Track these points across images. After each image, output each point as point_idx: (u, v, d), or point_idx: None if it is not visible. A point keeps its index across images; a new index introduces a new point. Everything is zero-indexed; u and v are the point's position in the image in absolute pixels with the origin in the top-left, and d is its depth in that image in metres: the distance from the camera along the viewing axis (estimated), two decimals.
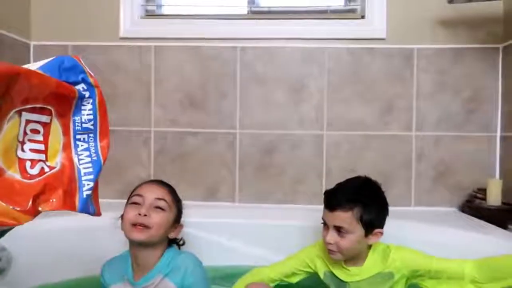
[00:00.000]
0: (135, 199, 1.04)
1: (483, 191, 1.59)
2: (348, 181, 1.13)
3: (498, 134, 1.69)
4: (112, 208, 1.26)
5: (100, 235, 1.26)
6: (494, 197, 1.53)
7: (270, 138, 1.73)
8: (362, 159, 1.72)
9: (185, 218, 1.11)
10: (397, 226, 1.36)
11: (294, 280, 1.18)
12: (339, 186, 1.12)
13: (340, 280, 1.11)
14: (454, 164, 1.70)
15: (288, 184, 1.73)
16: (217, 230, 1.43)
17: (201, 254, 1.09)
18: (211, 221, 1.45)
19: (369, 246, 1.11)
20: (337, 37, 1.71)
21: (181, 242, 1.14)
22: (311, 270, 1.17)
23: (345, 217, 1.04)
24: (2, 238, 0.87)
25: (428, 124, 1.71)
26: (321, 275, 1.15)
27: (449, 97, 1.70)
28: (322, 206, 1.10)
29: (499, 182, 1.55)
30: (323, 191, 1.14)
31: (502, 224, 1.42)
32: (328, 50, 1.71)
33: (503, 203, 1.53)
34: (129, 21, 1.75)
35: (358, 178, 1.14)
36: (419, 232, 1.38)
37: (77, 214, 1.29)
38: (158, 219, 1.01)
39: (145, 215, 1.00)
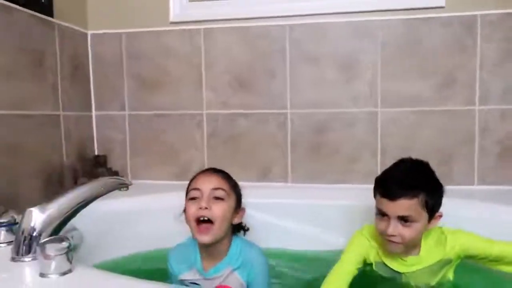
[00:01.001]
0: (193, 193, 1.03)
1: None
2: (398, 166, 1.05)
3: None
4: (169, 189, 1.31)
5: (161, 216, 1.32)
6: None
7: (322, 117, 1.70)
8: (419, 136, 1.64)
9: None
10: (459, 206, 1.30)
11: None
12: (391, 172, 1.04)
13: (394, 270, 1.05)
14: None
15: (341, 163, 1.70)
16: (271, 210, 1.44)
17: (257, 235, 1.10)
18: (265, 201, 1.46)
19: None
20: (391, 8, 1.62)
21: (246, 228, 1.14)
22: (366, 262, 1.11)
23: (411, 205, 0.96)
24: (74, 219, 0.94)
25: (493, 97, 1.58)
26: (373, 265, 1.09)
27: None
28: None
29: None
30: (379, 170, 1.10)
31: None
32: (381, 23, 1.63)
33: None
34: (178, 5, 1.77)
35: (404, 161, 1.06)
36: (483, 211, 1.31)
37: (137, 196, 1.37)
38: (219, 211, 0.99)
39: (206, 208, 0.98)
